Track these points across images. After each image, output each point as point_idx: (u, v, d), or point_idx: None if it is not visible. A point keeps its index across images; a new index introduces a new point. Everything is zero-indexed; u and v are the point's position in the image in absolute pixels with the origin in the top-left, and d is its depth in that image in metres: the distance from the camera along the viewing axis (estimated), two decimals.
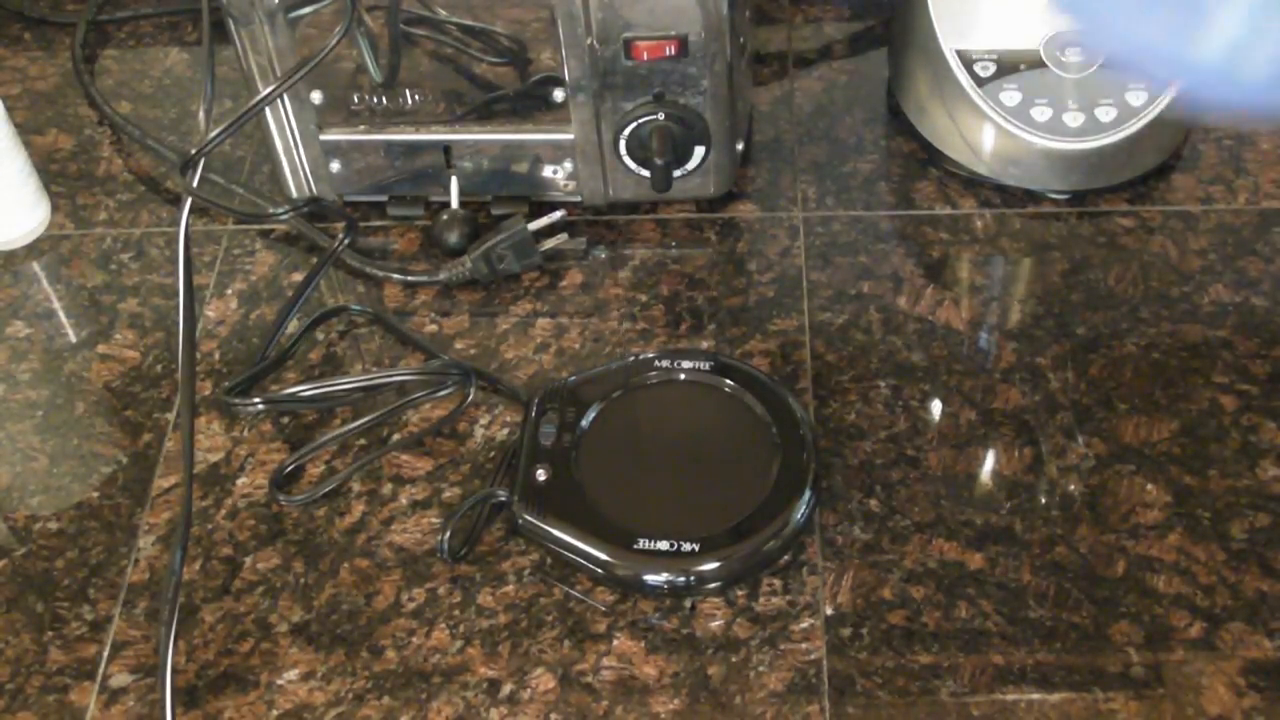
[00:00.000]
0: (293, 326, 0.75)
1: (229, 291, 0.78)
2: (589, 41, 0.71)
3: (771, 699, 0.60)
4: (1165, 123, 0.77)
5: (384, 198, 0.80)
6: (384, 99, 0.76)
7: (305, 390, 0.71)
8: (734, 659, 0.62)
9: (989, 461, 0.68)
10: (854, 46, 0.90)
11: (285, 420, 0.72)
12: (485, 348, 0.74)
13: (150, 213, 0.82)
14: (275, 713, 0.61)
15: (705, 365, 0.69)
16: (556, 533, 0.64)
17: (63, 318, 0.78)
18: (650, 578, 0.63)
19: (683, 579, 0.63)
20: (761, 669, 0.61)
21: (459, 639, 0.63)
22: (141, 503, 0.69)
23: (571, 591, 0.64)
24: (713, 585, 0.63)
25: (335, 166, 0.79)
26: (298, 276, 0.78)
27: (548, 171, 0.78)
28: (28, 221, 0.80)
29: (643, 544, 0.63)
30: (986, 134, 0.78)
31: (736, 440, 0.67)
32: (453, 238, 0.77)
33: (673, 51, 0.72)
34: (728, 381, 0.69)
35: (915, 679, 0.61)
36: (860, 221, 0.79)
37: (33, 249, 0.81)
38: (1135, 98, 0.76)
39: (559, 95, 0.75)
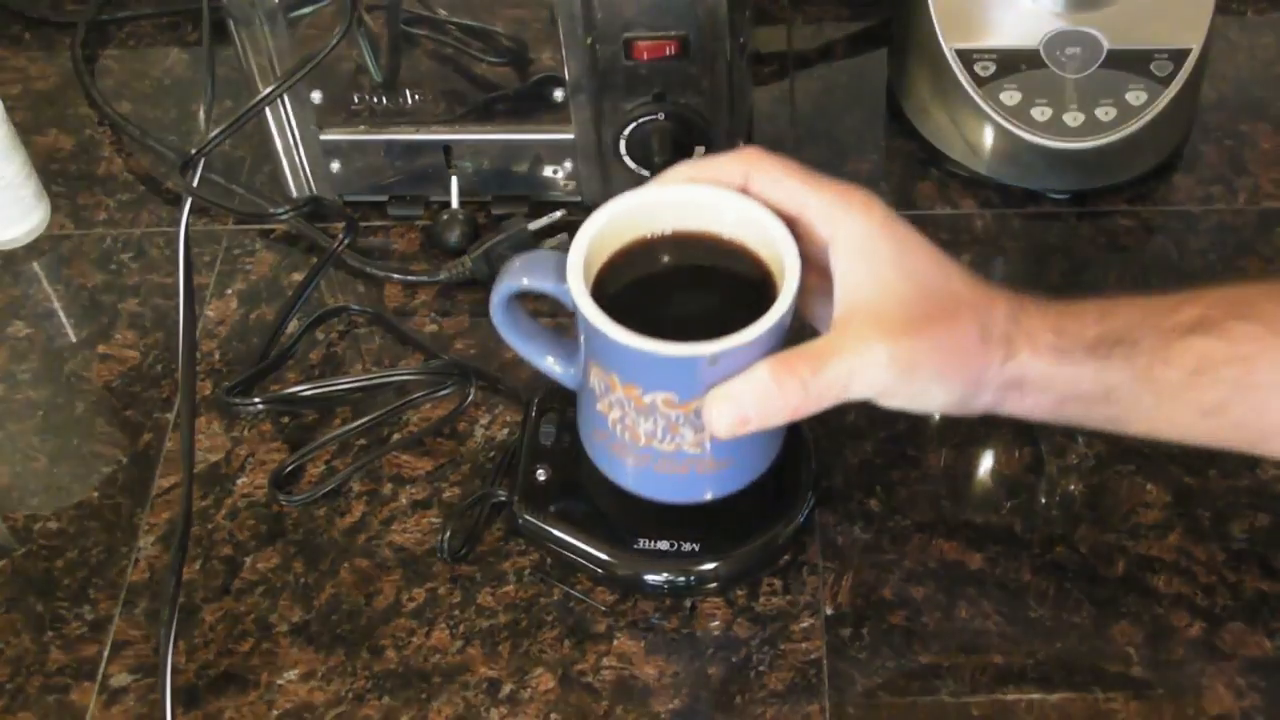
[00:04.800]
0: (293, 326, 0.75)
1: (229, 291, 0.78)
2: (589, 41, 0.71)
3: (771, 699, 0.60)
4: (1165, 123, 0.77)
5: (384, 198, 0.80)
6: (384, 99, 0.76)
7: (305, 390, 0.71)
8: (734, 659, 0.62)
9: (989, 461, 0.68)
10: (854, 46, 0.90)
11: (285, 420, 0.72)
12: (485, 348, 0.74)
13: (150, 213, 0.82)
14: (275, 713, 0.61)
15: None
16: (556, 533, 0.64)
17: (63, 318, 0.78)
18: (650, 578, 0.63)
19: (683, 579, 0.63)
20: (761, 669, 0.61)
21: (459, 639, 0.63)
22: (141, 503, 0.69)
23: (571, 591, 0.64)
24: (713, 585, 0.63)
25: (335, 166, 0.79)
26: (298, 276, 0.78)
27: (548, 171, 0.78)
28: (28, 221, 0.80)
29: (643, 544, 0.63)
30: (986, 134, 0.78)
31: None
32: (453, 238, 0.77)
33: (673, 51, 0.72)
34: None
35: (915, 679, 0.61)
36: None
37: (33, 249, 0.81)
38: (1135, 98, 0.76)
39: (559, 95, 0.75)
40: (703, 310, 0.59)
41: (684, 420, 0.57)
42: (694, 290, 0.60)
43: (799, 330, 0.57)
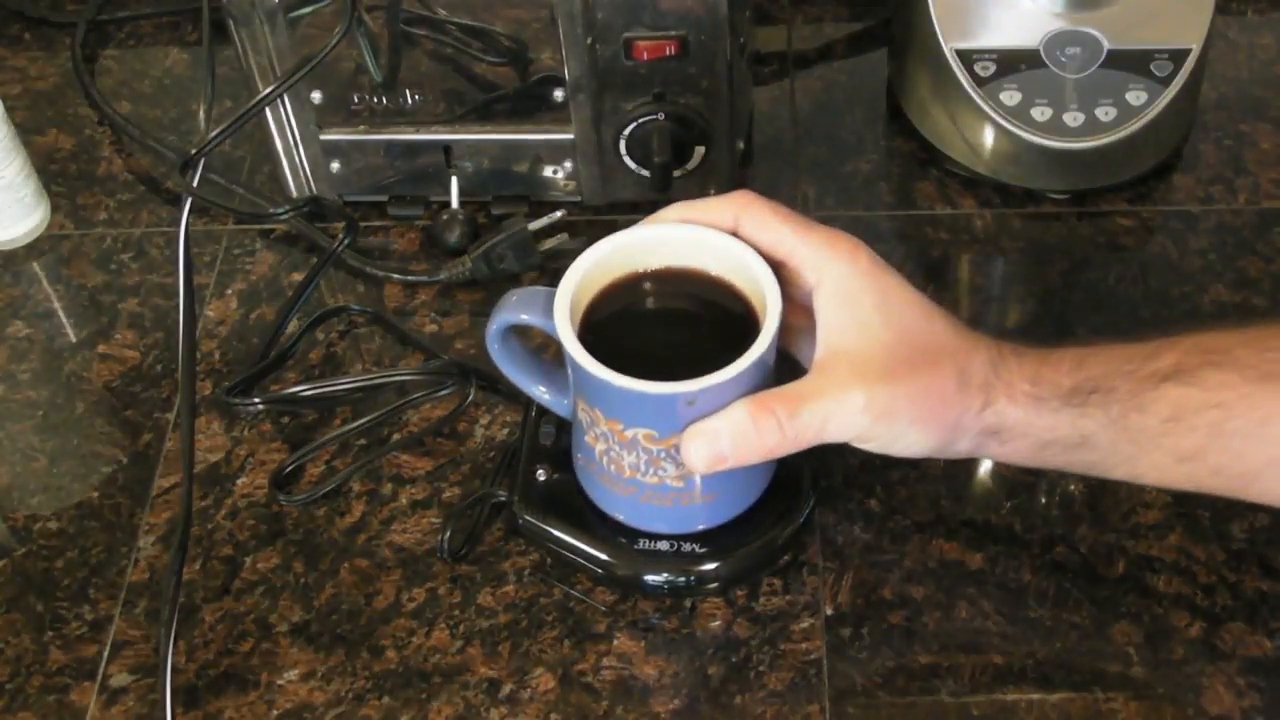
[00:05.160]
0: (293, 326, 0.75)
1: (229, 291, 0.78)
2: (589, 41, 0.71)
3: (771, 699, 0.60)
4: (1165, 123, 0.77)
5: (384, 198, 0.80)
6: (384, 99, 0.76)
7: (305, 390, 0.71)
8: (734, 659, 0.62)
9: (989, 461, 0.68)
10: (854, 46, 0.90)
11: (285, 420, 0.72)
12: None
13: (150, 213, 0.82)
14: (275, 713, 0.61)
15: None
16: (556, 533, 0.64)
17: (63, 318, 0.78)
18: (650, 578, 0.63)
19: (683, 579, 0.63)
20: (761, 669, 0.61)
21: (459, 639, 0.63)
22: (141, 503, 0.69)
23: (571, 591, 0.64)
24: (713, 585, 0.63)
25: (335, 166, 0.79)
26: (298, 276, 0.78)
27: (548, 171, 0.78)
28: (28, 221, 0.80)
29: (643, 544, 0.63)
30: (986, 134, 0.78)
31: None
32: (453, 238, 0.77)
33: (673, 51, 0.72)
34: None
35: (915, 679, 0.61)
36: (860, 221, 0.79)
37: (33, 249, 0.81)
38: (1135, 98, 0.76)
39: (559, 95, 0.75)
40: (687, 347, 0.61)
41: (665, 455, 0.58)
42: (680, 327, 0.62)
43: (793, 369, 0.58)
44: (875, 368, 0.56)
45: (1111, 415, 0.56)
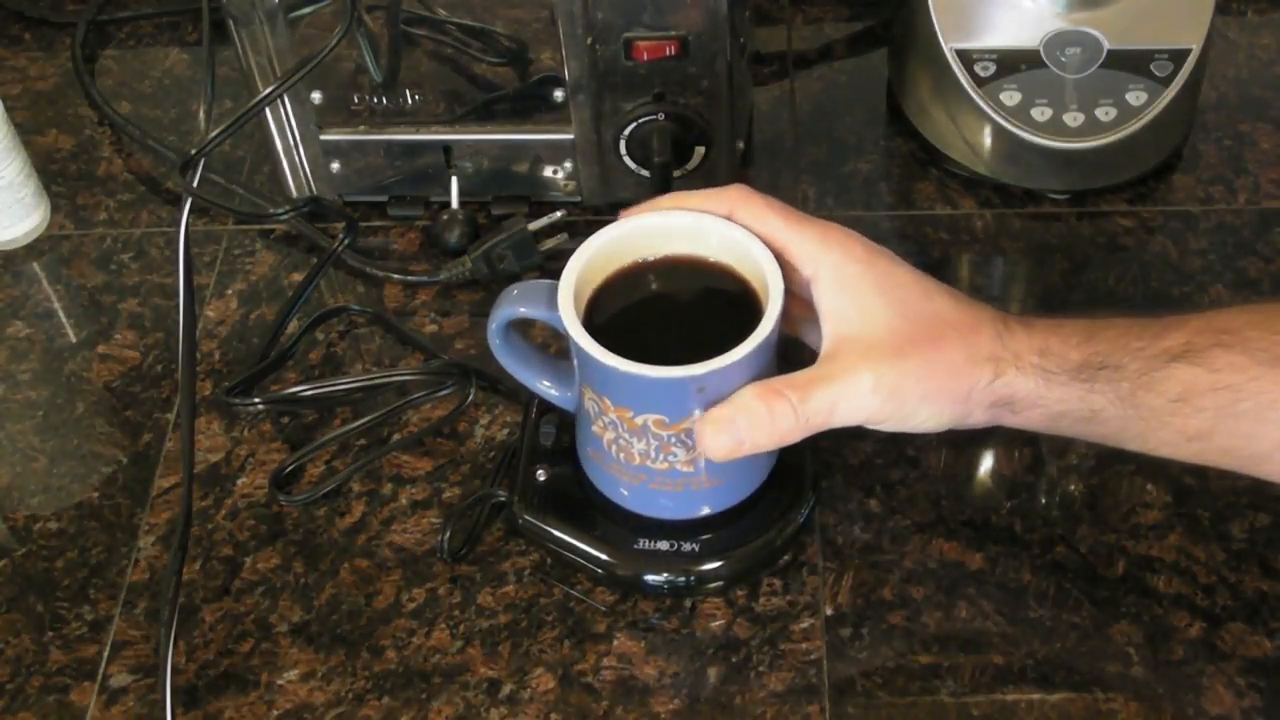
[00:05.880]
0: (293, 326, 0.75)
1: (229, 291, 0.78)
2: (589, 41, 0.71)
3: (771, 699, 0.60)
4: (1165, 123, 0.77)
5: (384, 198, 0.80)
6: (384, 99, 0.76)
7: (305, 390, 0.71)
8: (734, 659, 0.62)
9: (989, 461, 0.68)
10: (854, 46, 0.90)
11: (285, 420, 0.72)
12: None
13: (150, 213, 0.82)
14: (275, 713, 0.61)
15: None
16: (556, 533, 0.64)
17: (63, 318, 0.78)
18: (650, 578, 0.63)
19: (683, 579, 0.63)
20: (761, 669, 0.61)
21: (459, 639, 0.63)
22: (141, 503, 0.69)
23: (571, 591, 0.64)
24: (713, 585, 0.63)
25: (335, 166, 0.79)
26: (298, 276, 0.78)
27: (548, 171, 0.78)
28: (28, 221, 0.80)
29: (643, 544, 0.63)
30: (986, 134, 0.78)
31: None
32: (453, 238, 0.77)
33: (673, 51, 0.72)
34: None
35: (915, 679, 0.61)
36: (860, 221, 0.79)
37: (33, 249, 0.81)
38: (1135, 98, 0.76)
39: (559, 95, 0.75)
40: (692, 333, 0.61)
41: (675, 440, 0.58)
42: (683, 314, 0.62)
43: (799, 362, 0.58)
44: (881, 349, 0.56)
45: (1120, 392, 0.56)
